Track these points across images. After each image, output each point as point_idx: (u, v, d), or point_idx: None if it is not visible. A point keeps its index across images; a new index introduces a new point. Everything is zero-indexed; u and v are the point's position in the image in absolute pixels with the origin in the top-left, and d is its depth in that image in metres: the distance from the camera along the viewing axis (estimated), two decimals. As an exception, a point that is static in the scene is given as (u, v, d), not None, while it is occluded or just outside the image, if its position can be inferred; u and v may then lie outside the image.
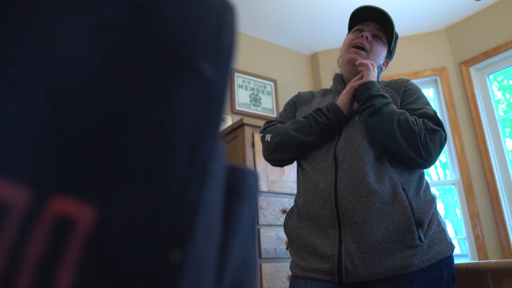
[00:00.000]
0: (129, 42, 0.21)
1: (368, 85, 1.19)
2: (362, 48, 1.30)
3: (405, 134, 1.10)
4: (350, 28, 1.39)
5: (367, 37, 1.30)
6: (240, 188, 0.27)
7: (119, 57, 0.21)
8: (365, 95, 1.18)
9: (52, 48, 0.19)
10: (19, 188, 0.17)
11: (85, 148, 0.19)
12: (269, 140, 1.26)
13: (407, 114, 1.14)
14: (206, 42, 0.23)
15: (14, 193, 0.17)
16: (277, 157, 1.27)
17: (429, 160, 1.13)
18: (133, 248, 0.19)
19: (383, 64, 1.38)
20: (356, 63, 1.26)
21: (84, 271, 0.18)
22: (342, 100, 1.24)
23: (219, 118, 0.23)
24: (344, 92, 1.25)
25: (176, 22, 0.22)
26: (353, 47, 1.31)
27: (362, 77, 1.24)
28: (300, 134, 1.22)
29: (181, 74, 0.22)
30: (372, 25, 1.33)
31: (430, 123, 1.14)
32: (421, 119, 1.14)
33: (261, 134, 1.30)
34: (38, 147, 0.18)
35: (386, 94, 1.19)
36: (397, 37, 1.39)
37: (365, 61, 1.25)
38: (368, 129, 1.19)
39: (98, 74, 0.20)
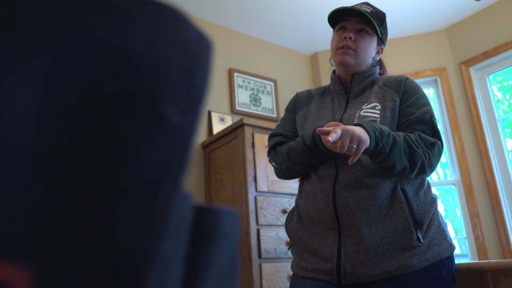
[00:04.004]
0: (90, 88, 0.19)
1: (372, 145, 1.04)
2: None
3: (413, 162, 1.10)
4: (333, 24, 1.34)
5: (350, 37, 1.26)
6: (211, 229, 0.26)
7: (77, 103, 0.19)
8: (374, 151, 1.06)
9: (7, 99, 0.18)
10: None
11: (30, 205, 0.18)
12: (276, 166, 1.30)
13: (406, 137, 1.10)
14: (174, 86, 0.21)
15: None
16: (287, 179, 1.34)
17: (432, 171, 1.16)
18: None
19: (377, 52, 1.34)
20: (330, 146, 1.07)
21: None
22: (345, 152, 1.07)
23: (183, 166, 0.22)
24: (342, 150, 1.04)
25: (142, 64, 0.20)
26: (340, 48, 1.28)
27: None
28: (300, 165, 1.23)
29: (143, 121, 0.20)
30: (353, 20, 1.28)
31: (426, 137, 1.13)
32: (417, 134, 1.13)
33: (268, 158, 1.34)
34: None
35: (384, 128, 1.09)
36: (384, 18, 1.32)
37: (338, 140, 1.02)
38: None
39: (54, 122, 0.18)
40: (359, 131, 1.02)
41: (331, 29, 1.42)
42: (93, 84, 0.19)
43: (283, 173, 1.30)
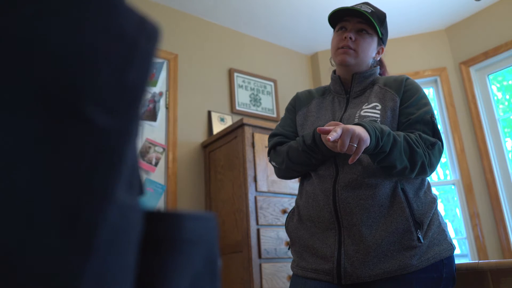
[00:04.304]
0: (2, 87, 0.17)
1: (372, 144, 1.04)
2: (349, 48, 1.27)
3: (414, 162, 1.10)
4: (333, 24, 1.34)
5: (351, 38, 1.26)
6: (172, 237, 0.24)
7: None
8: (374, 150, 1.06)
9: None
10: None
11: None
12: (276, 166, 1.30)
13: (406, 136, 1.10)
14: (102, 83, 0.18)
15: None
16: (287, 179, 1.34)
17: (433, 171, 1.16)
18: None
19: (377, 52, 1.34)
20: (330, 145, 1.07)
21: None
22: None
23: (115, 174, 0.19)
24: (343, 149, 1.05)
25: (63, 59, 0.17)
26: (340, 48, 1.28)
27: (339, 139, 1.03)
28: (300, 164, 1.23)
29: (63, 124, 0.17)
30: (354, 20, 1.28)
31: (427, 137, 1.13)
32: (418, 134, 1.13)
33: (269, 158, 1.34)
34: None
35: (384, 128, 1.09)
36: (384, 18, 1.32)
37: (339, 139, 1.01)
38: None
39: None
40: (359, 130, 1.02)
41: (331, 29, 1.42)
42: (5, 82, 0.17)
43: (283, 173, 1.30)
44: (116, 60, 0.19)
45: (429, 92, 3.60)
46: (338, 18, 1.31)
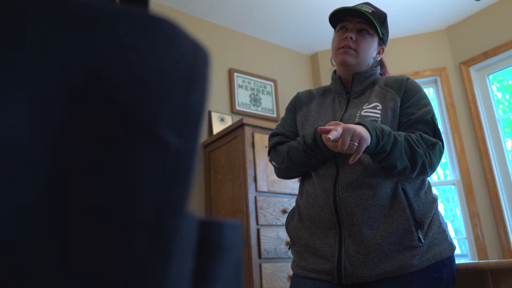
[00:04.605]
0: (81, 114, 0.18)
1: (373, 143, 1.04)
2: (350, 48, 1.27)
3: (414, 162, 1.10)
4: (334, 24, 1.34)
5: (351, 38, 1.26)
6: (216, 244, 0.26)
7: (67, 130, 0.18)
8: (375, 149, 1.06)
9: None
10: None
11: (34, 235, 0.17)
12: (277, 166, 1.30)
13: (407, 136, 1.10)
14: (171, 108, 0.20)
15: None
16: (287, 178, 1.34)
17: (433, 171, 1.16)
18: None
19: (378, 52, 1.34)
20: (331, 145, 1.07)
21: None
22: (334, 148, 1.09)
23: (186, 189, 0.21)
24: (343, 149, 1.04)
25: (138, 86, 0.19)
26: (341, 48, 1.28)
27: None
28: (300, 164, 1.23)
29: (142, 146, 0.19)
30: (354, 20, 1.28)
31: (427, 137, 1.13)
32: (418, 134, 1.13)
33: (269, 158, 1.34)
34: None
35: (385, 128, 1.09)
36: (385, 18, 1.32)
37: (339, 139, 1.02)
38: None
39: (44, 151, 0.18)
40: (360, 129, 1.02)
41: (331, 29, 1.42)
42: (88, 114, 0.18)
43: (283, 173, 1.30)
44: (181, 85, 0.21)
45: (429, 92, 3.60)
46: (338, 18, 1.31)
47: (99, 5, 0.19)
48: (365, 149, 1.04)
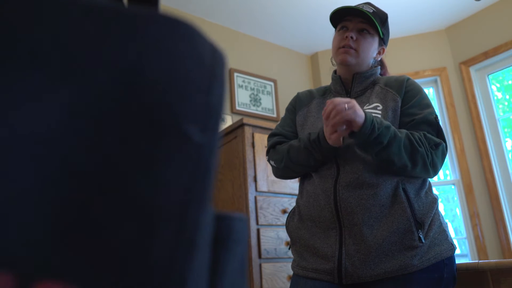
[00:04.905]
0: (114, 111, 0.20)
1: (367, 128, 1.07)
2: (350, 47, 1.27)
3: (415, 160, 1.10)
4: (335, 24, 1.34)
5: (352, 37, 1.26)
6: (226, 237, 0.27)
7: (102, 127, 0.19)
8: (370, 137, 1.07)
9: (36, 125, 0.18)
10: (3, 275, 0.17)
11: (69, 227, 0.18)
12: (275, 166, 1.29)
13: (409, 135, 1.11)
14: (195, 105, 0.22)
15: None
16: (285, 179, 1.34)
17: (435, 173, 1.16)
18: None
19: (378, 52, 1.34)
20: (324, 120, 1.10)
21: None
22: (334, 141, 1.12)
23: (209, 183, 0.22)
24: (332, 136, 1.11)
25: (165, 86, 0.21)
26: (341, 48, 1.27)
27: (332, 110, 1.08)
28: (299, 165, 1.23)
29: (168, 141, 0.21)
30: (355, 19, 1.28)
31: (431, 137, 1.13)
32: (422, 134, 1.13)
33: (267, 157, 1.33)
34: (23, 228, 0.18)
35: (385, 121, 1.11)
36: (386, 19, 1.32)
37: (341, 110, 1.06)
38: None
39: (80, 146, 0.19)
40: (357, 112, 1.07)
41: (331, 29, 1.42)
42: (120, 112, 0.20)
43: (281, 173, 1.29)
44: (202, 84, 0.22)
45: (429, 92, 3.60)
46: (339, 17, 1.31)
47: (122, 9, 0.21)
48: (360, 134, 1.06)
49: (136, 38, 0.20)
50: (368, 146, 1.09)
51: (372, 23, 1.26)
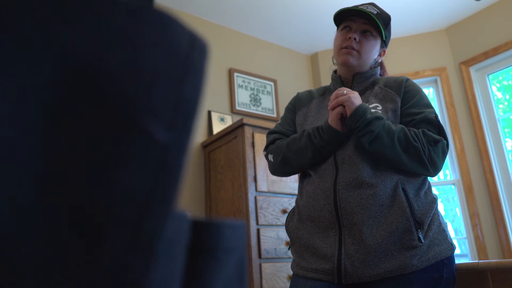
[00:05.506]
0: (68, 106, 0.18)
1: (359, 111, 1.12)
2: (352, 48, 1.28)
3: (409, 153, 1.10)
4: (338, 22, 1.34)
5: (355, 38, 1.26)
6: (215, 246, 0.25)
7: (47, 120, 0.17)
8: (359, 122, 1.12)
9: None
10: None
11: (14, 233, 0.17)
12: (272, 160, 1.30)
13: (405, 129, 1.12)
14: (160, 99, 0.19)
15: None
16: (281, 174, 1.33)
17: (435, 171, 1.15)
18: None
19: (379, 54, 1.34)
20: (329, 107, 1.18)
21: None
22: (333, 120, 1.17)
23: (174, 185, 0.20)
24: (332, 112, 1.18)
25: (124, 76, 0.18)
26: (343, 48, 1.28)
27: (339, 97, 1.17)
28: (299, 157, 1.23)
29: (126, 140, 0.19)
30: (359, 20, 1.28)
31: (431, 133, 1.13)
32: (421, 130, 1.13)
33: (265, 153, 1.33)
34: None
35: (380, 114, 1.15)
36: (389, 21, 1.33)
37: (340, 96, 1.16)
38: None
39: (21, 142, 0.17)
40: (355, 98, 1.15)
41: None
42: (71, 102, 0.18)
43: (277, 167, 1.29)
44: (172, 76, 0.20)
45: (429, 92, 3.60)
46: (343, 17, 1.31)
47: None
48: (350, 118, 1.13)
49: (96, 25, 0.18)
50: (360, 134, 1.12)
51: (376, 25, 1.26)
